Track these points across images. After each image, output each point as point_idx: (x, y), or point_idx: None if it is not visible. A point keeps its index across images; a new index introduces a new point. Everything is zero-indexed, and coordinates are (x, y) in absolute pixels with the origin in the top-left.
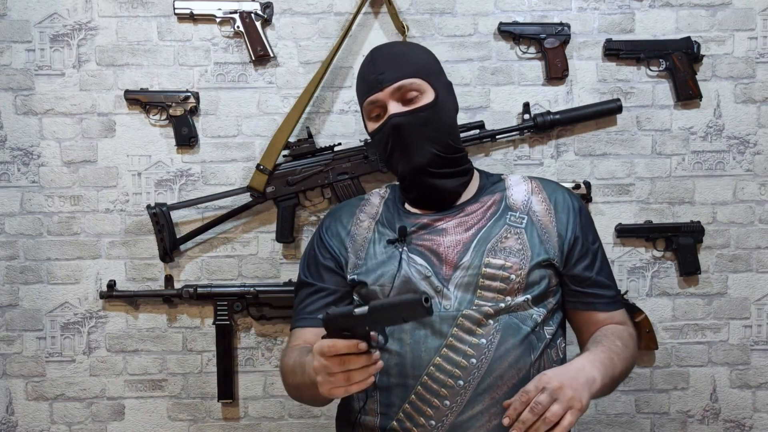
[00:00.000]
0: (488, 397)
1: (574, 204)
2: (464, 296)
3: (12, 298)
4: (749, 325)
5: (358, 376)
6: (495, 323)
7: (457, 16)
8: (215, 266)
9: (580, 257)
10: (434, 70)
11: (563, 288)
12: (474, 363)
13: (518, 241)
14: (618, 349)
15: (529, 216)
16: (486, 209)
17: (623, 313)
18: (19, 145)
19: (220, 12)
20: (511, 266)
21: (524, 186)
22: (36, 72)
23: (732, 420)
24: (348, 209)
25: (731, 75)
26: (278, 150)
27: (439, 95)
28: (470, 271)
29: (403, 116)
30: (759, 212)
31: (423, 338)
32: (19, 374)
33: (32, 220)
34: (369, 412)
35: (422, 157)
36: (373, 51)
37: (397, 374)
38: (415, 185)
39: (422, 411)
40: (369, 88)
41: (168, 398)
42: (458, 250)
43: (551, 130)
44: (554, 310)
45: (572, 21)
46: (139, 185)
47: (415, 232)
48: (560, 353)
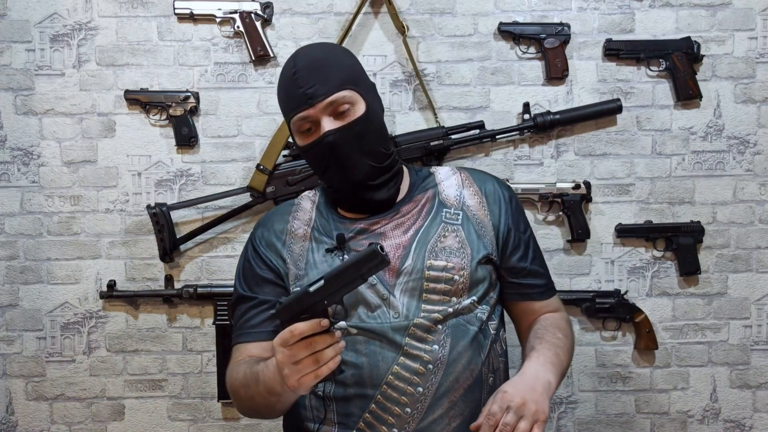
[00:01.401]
0: (447, 400)
1: (504, 194)
2: (411, 302)
3: (12, 298)
4: (749, 325)
5: (326, 355)
6: (444, 328)
7: (457, 16)
8: (215, 266)
9: (514, 248)
10: (359, 76)
11: (500, 280)
12: (431, 369)
13: (457, 239)
14: (560, 342)
15: (464, 211)
16: (420, 208)
17: (557, 299)
18: (19, 145)
19: (220, 12)
20: (454, 267)
21: (454, 179)
22: (36, 72)
23: (732, 420)
24: (279, 217)
25: (731, 75)
26: (278, 150)
27: (369, 104)
28: (414, 276)
29: (337, 133)
30: (759, 212)
31: (378, 350)
32: (19, 374)
33: (32, 220)
34: (326, 421)
35: (358, 173)
36: (296, 59)
37: (354, 384)
38: (351, 198)
39: (383, 420)
40: (297, 104)
41: (168, 398)
42: (399, 254)
43: (551, 130)
44: (495, 304)
45: (572, 21)
46: (139, 185)
47: (352, 238)
48: (503, 344)
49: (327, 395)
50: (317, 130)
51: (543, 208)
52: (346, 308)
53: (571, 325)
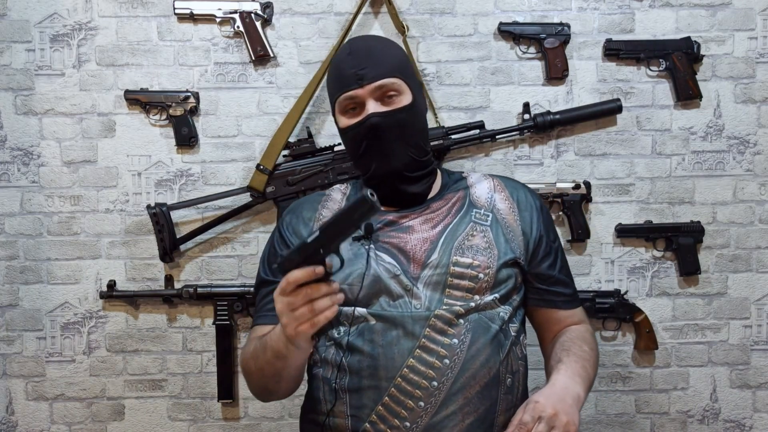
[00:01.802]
0: (461, 396)
1: (536, 203)
2: (433, 295)
3: (12, 298)
4: (749, 325)
5: (322, 304)
6: (465, 323)
7: (457, 16)
8: (215, 266)
9: (544, 255)
10: (410, 70)
11: (526, 285)
12: (447, 363)
13: (484, 239)
14: (587, 355)
15: (494, 214)
16: (451, 206)
17: (582, 311)
18: (19, 145)
19: (220, 12)
20: (479, 265)
21: (486, 184)
22: (36, 72)
23: (732, 420)
24: (309, 205)
25: (731, 75)
26: (278, 150)
27: (416, 97)
28: (438, 270)
29: (382, 116)
30: (759, 212)
31: (395, 339)
32: (19, 374)
33: (32, 220)
34: (338, 414)
35: (399, 161)
36: (351, 43)
37: (369, 376)
38: (386, 187)
39: (396, 413)
40: (347, 83)
41: (168, 398)
42: (426, 248)
43: (551, 130)
44: (518, 307)
45: (572, 21)
46: (139, 185)
47: (381, 229)
48: (523, 350)
49: (340, 387)
50: (361, 111)
51: None
52: (342, 259)
53: (595, 338)
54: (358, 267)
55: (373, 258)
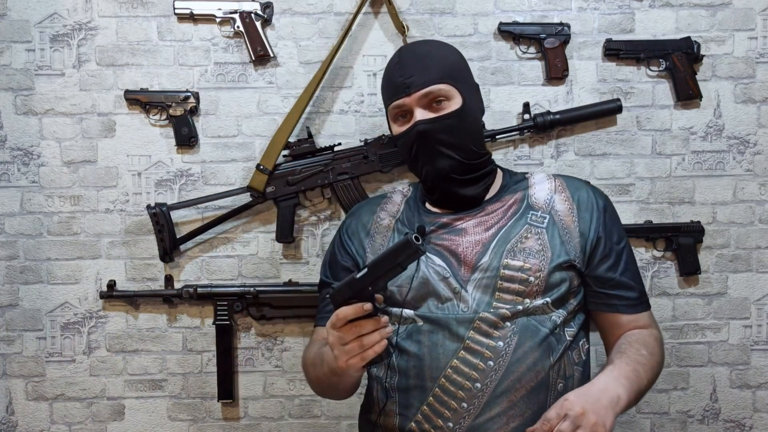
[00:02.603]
0: (506, 399)
1: (599, 202)
2: (482, 298)
3: (12, 298)
4: (749, 325)
5: (370, 339)
6: (512, 325)
7: (457, 16)
8: (215, 266)
9: (603, 258)
10: (462, 74)
11: (586, 289)
12: (491, 366)
13: (538, 241)
14: (643, 359)
15: (551, 215)
16: (507, 208)
17: (649, 316)
18: (19, 145)
19: (220, 12)
20: (530, 268)
21: (548, 184)
22: (36, 72)
23: (732, 420)
24: (369, 207)
25: (731, 75)
26: (278, 150)
27: (466, 101)
28: (489, 273)
29: (428, 123)
30: (759, 212)
31: (440, 341)
32: (19, 374)
33: (32, 220)
34: (388, 413)
35: (445, 165)
36: (401, 51)
37: (415, 376)
38: (438, 189)
39: (440, 413)
40: (395, 92)
41: (168, 398)
42: (477, 250)
43: (551, 130)
44: (576, 311)
45: (572, 21)
46: (139, 185)
47: (434, 231)
48: (582, 355)
49: (391, 386)
50: (410, 119)
51: None
52: (386, 296)
53: (661, 345)
54: (408, 269)
55: (423, 260)
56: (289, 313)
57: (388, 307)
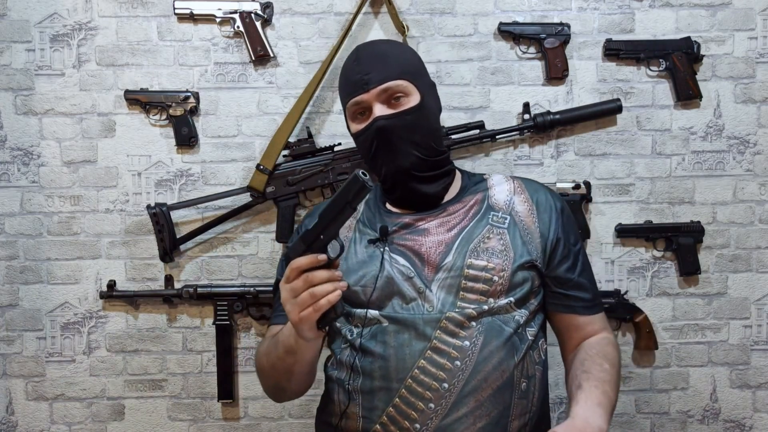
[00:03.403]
0: (473, 399)
1: (557, 204)
2: (447, 298)
3: (12, 298)
4: (749, 325)
5: (323, 289)
6: (478, 325)
7: (457, 16)
8: (215, 266)
9: (562, 258)
10: (419, 71)
11: (545, 289)
12: (458, 365)
13: (501, 241)
14: (607, 376)
15: (512, 216)
16: (468, 209)
17: (603, 318)
18: (19, 145)
19: (220, 12)
20: (494, 267)
21: (506, 186)
22: (36, 72)
23: (732, 420)
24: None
25: (731, 75)
26: (278, 150)
27: (424, 98)
28: (452, 273)
29: (388, 119)
30: (759, 212)
31: (407, 341)
32: (19, 374)
33: (32, 220)
34: (350, 415)
35: (406, 161)
36: (358, 49)
37: (380, 377)
38: (398, 187)
39: (407, 414)
40: (354, 89)
41: (168, 398)
42: (440, 250)
43: (551, 130)
44: (536, 311)
45: (572, 21)
46: (139, 185)
47: (396, 231)
48: (542, 354)
49: (353, 388)
50: (369, 115)
51: None
52: (342, 244)
53: (617, 348)
54: (371, 269)
55: (387, 260)
56: None
57: (353, 308)
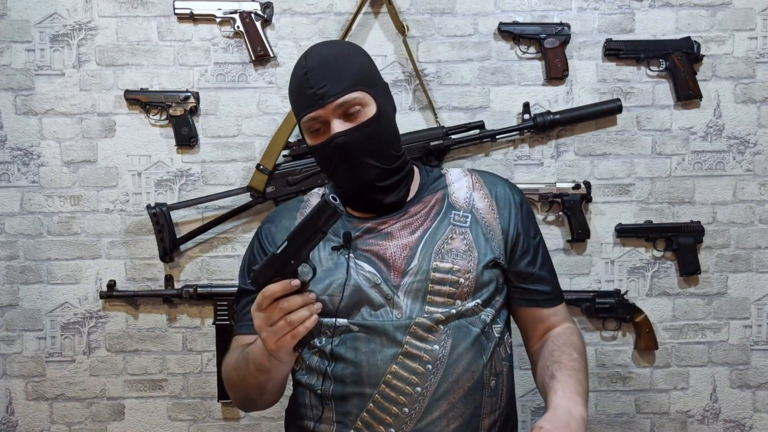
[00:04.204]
0: (445, 401)
1: (515, 198)
2: (414, 303)
3: (12, 298)
4: (749, 325)
5: (299, 315)
6: (446, 328)
7: (457, 16)
8: (215, 266)
9: (523, 253)
10: (373, 77)
11: (507, 285)
12: (430, 369)
13: (464, 241)
14: (578, 364)
15: (473, 214)
16: (429, 209)
17: (564, 308)
18: (19, 145)
19: (220, 12)
20: (459, 269)
21: (465, 181)
22: (36, 72)
23: (732, 420)
24: (288, 213)
25: (731, 75)
26: (278, 150)
27: (380, 105)
28: (419, 277)
29: (347, 135)
30: (759, 212)
31: (378, 347)
32: (19, 374)
33: (32, 220)
34: (324, 420)
35: (367, 175)
36: (308, 58)
37: (353, 383)
38: (360, 198)
39: (381, 419)
40: (308, 104)
41: (168, 398)
42: (405, 254)
43: (551, 130)
44: (500, 308)
45: (572, 21)
46: (139, 185)
47: (359, 237)
48: (508, 349)
49: (326, 394)
50: (327, 130)
51: (543, 208)
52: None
53: (581, 337)
54: (338, 277)
55: (352, 267)
56: None
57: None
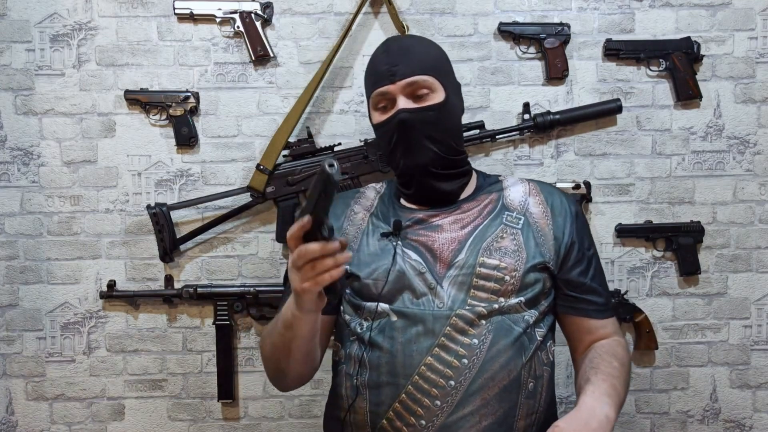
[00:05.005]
0: (479, 397)
1: (571, 208)
2: (458, 295)
3: (12, 298)
4: (749, 325)
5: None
6: (487, 323)
7: (457, 16)
8: (215, 266)
9: (576, 262)
10: (446, 70)
11: (556, 292)
12: (465, 363)
13: (514, 241)
14: (616, 372)
15: (526, 217)
16: (482, 207)
17: (614, 322)
18: (19, 145)
19: (220, 12)
20: (506, 267)
21: (521, 187)
22: (36, 72)
23: (732, 420)
24: (343, 200)
25: (731, 75)
26: (278, 150)
27: (449, 96)
28: (464, 270)
29: (411, 113)
30: (759, 212)
31: (415, 337)
32: (19, 374)
33: (32, 220)
34: (358, 410)
35: (424, 157)
36: (388, 41)
37: (387, 372)
38: (414, 183)
39: (413, 410)
40: (380, 79)
41: (168, 398)
42: (453, 247)
43: (551, 130)
44: (546, 312)
45: (572, 21)
46: (139, 185)
47: (409, 226)
48: (550, 356)
49: (361, 383)
50: (392, 107)
51: None
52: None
53: (627, 352)
54: (384, 262)
55: (399, 254)
56: None
57: (363, 301)
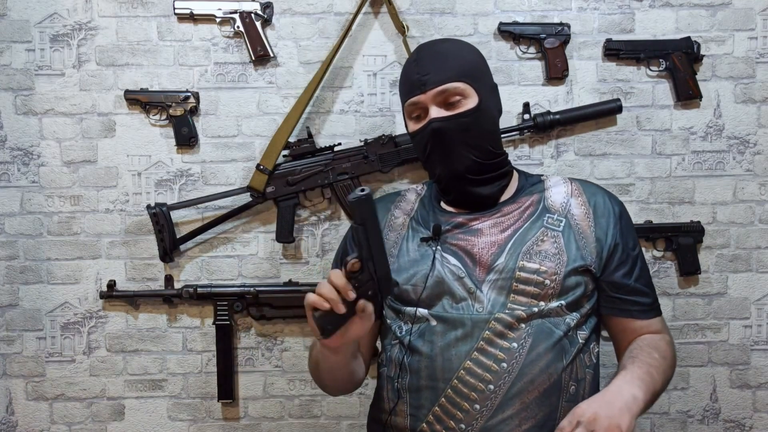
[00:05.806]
0: (519, 401)
1: (615, 208)
2: (497, 299)
3: (12, 298)
4: (749, 325)
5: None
6: (527, 327)
7: (457, 16)
8: (215, 266)
9: (620, 264)
10: (480, 73)
11: (600, 293)
12: (505, 367)
13: (554, 244)
14: (655, 362)
15: (567, 219)
16: (523, 210)
17: (661, 321)
18: (19, 145)
19: (220, 12)
20: (546, 271)
21: (564, 188)
22: (36, 72)
23: (732, 420)
24: (383, 204)
25: (731, 75)
26: (278, 150)
27: (482, 100)
28: (504, 274)
29: (443, 121)
30: (759, 212)
31: (453, 341)
32: (19, 374)
33: (32, 220)
34: (399, 413)
35: (460, 164)
36: (419, 48)
37: (427, 377)
38: (452, 189)
39: (452, 414)
40: (411, 89)
41: (168, 398)
42: (493, 251)
43: (551, 130)
44: (588, 314)
45: (572, 21)
46: (139, 185)
47: (449, 231)
48: (593, 358)
49: (402, 386)
50: (425, 117)
51: None
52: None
53: (672, 348)
54: (423, 268)
55: (438, 260)
56: (290, 313)
57: (403, 306)
